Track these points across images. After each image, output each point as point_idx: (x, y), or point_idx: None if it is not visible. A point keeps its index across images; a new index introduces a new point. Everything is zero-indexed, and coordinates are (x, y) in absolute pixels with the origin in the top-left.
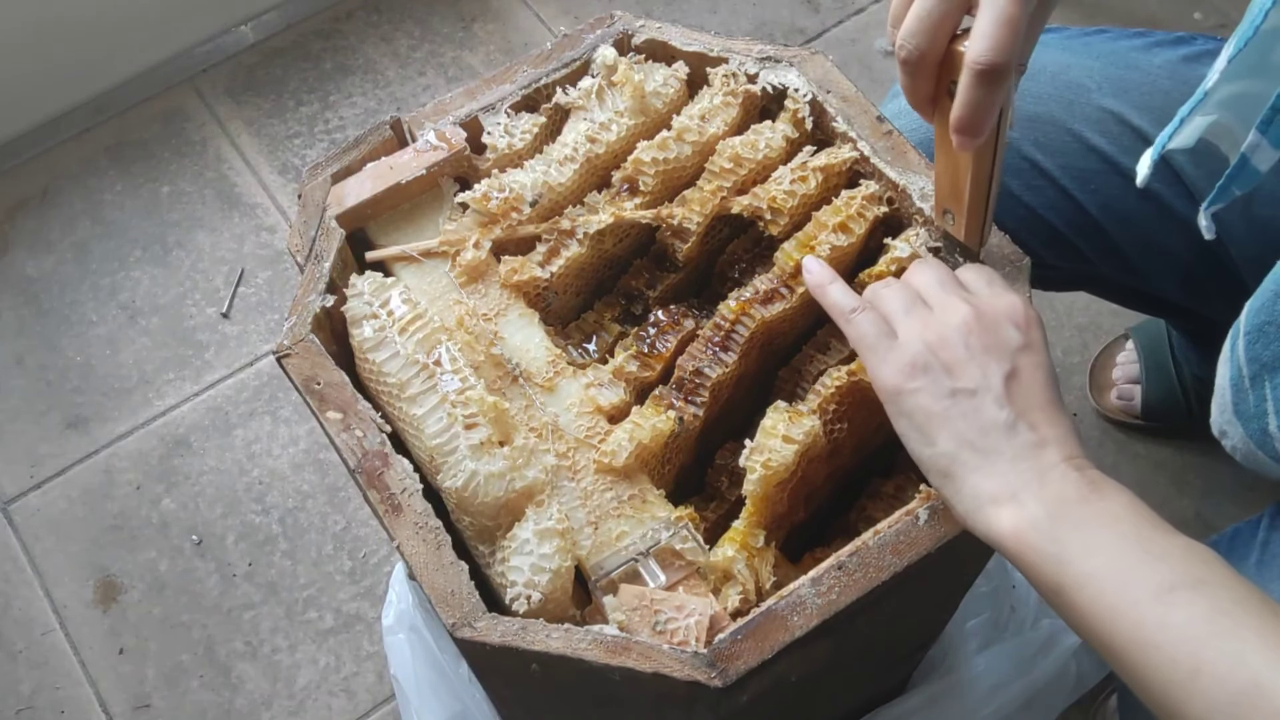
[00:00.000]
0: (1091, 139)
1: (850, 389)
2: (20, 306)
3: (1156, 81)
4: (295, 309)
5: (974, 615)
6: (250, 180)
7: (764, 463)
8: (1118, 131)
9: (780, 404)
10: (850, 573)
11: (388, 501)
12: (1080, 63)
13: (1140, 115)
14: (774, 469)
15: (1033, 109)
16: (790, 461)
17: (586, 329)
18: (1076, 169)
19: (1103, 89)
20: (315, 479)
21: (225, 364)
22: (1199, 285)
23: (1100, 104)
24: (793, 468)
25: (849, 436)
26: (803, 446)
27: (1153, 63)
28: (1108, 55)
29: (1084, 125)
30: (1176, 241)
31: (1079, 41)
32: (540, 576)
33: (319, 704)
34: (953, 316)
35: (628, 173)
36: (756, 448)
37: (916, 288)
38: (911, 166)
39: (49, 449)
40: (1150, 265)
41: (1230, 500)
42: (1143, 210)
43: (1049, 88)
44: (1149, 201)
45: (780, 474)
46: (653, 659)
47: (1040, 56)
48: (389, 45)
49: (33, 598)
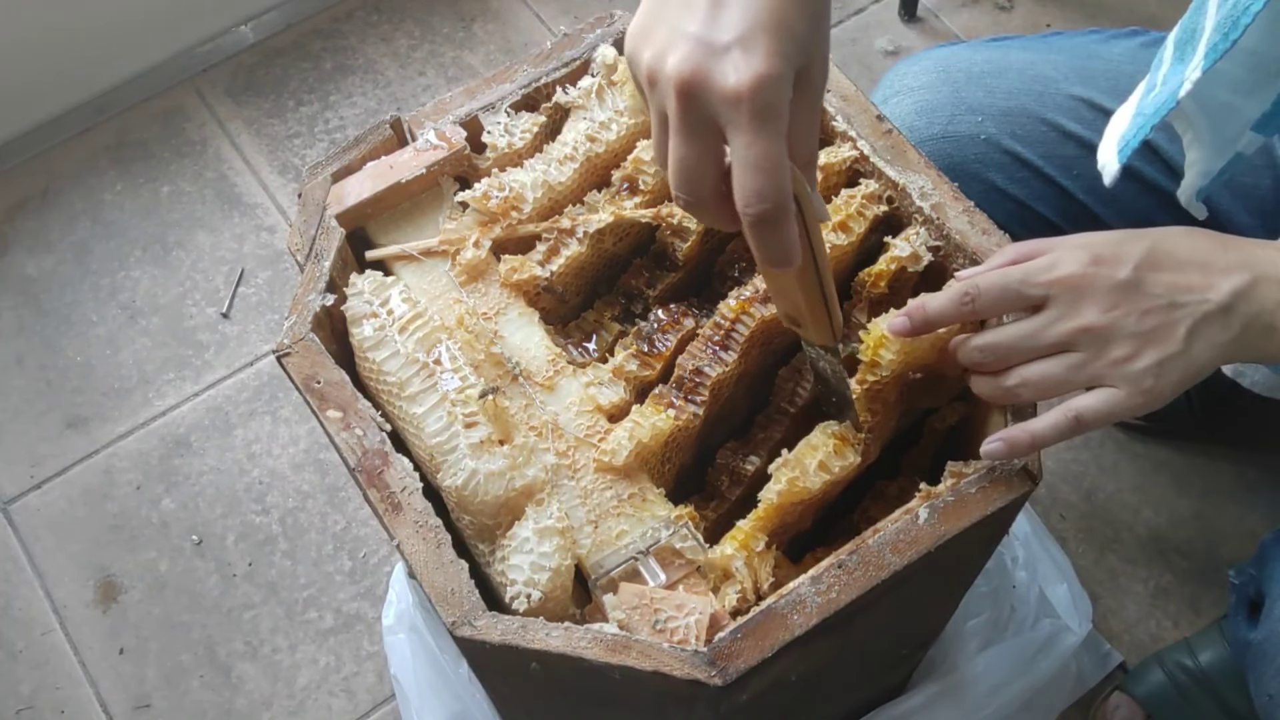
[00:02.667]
0: (1067, 125)
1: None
2: (20, 306)
3: (1120, 66)
4: (295, 308)
5: (974, 615)
6: (250, 180)
7: (791, 479)
8: (1091, 116)
9: (831, 425)
10: (850, 571)
11: (388, 500)
12: (1044, 58)
13: (1110, 99)
14: (799, 489)
15: (1005, 104)
16: (816, 489)
17: (586, 328)
18: (1057, 156)
19: (1069, 79)
20: (315, 479)
21: (225, 364)
22: None
23: (1070, 92)
24: (817, 494)
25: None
26: (835, 479)
27: (1113, 51)
28: (1068, 49)
29: (1057, 113)
30: (1164, 216)
31: (1039, 41)
32: (540, 575)
33: (319, 704)
34: (1065, 290)
35: (628, 172)
36: (790, 461)
37: (1001, 318)
38: (911, 166)
39: (49, 449)
40: None
41: (1231, 500)
42: (1127, 190)
43: (1018, 83)
44: (1132, 181)
45: (803, 495)
46: (653, 658)
47: (1005, 56)
48: (389, 45)
49: (33, 598)
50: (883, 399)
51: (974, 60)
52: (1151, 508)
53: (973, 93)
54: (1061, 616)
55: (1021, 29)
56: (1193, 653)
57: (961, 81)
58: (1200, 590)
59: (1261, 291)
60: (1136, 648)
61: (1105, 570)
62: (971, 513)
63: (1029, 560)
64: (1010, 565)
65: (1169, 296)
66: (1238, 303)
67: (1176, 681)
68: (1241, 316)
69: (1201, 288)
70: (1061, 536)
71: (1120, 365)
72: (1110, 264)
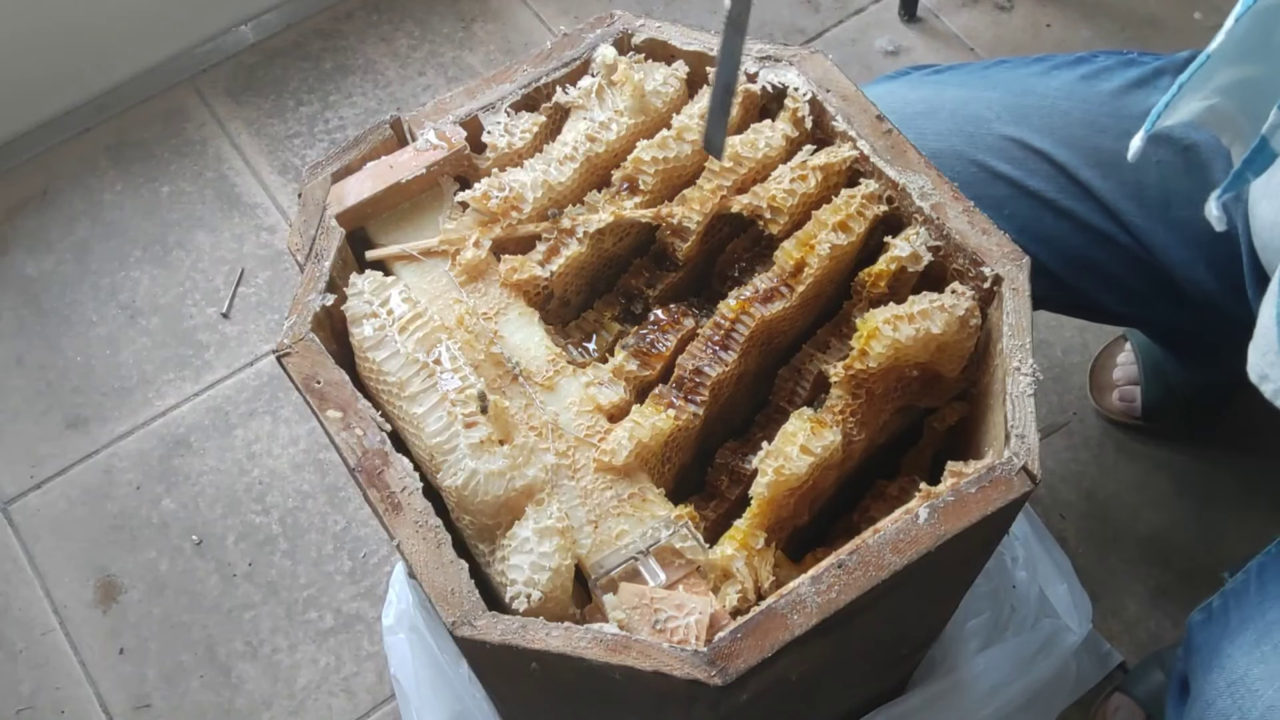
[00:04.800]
0: (997, 166)
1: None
2: (20, 306)
3: (1055, 104)
4: (295, 308)
5: (974, 615)
6: (250, 180)
7: (777, 469)
8: (1021, 156)
9: (805, 411)
10: (850, 571)
11: (388, 500)
12: (978, 95)
13: (1040, 138)
14: (786, 477)
15: (935, 145)
16: (804, 473)
17: (586, 328)
18: (988, 197)
19: (1001, 118)
20: (315, 479)
21: (225, 364)
22: (1134, 294)
23: (1001, 132)
24: (805, 479)
25: (863, 440)
26: (819, 460)
27: (1050, 86)
28: (1005, 84)
29: (988, 154)
30: (1099, 254)
31: (978, 76)
32: (540, 575)
33: (319, 704)
34: None
35: (628, 172)
36: (773, 452)
37: None
38: (911, 166)
39: (49, 449)
40: (1080, 280)
41: (1230, 500)
42: (1058, 228)
43: (948, 124)
44: (1066, 220)
45: (791, 482)
46: (653, 657)
47: (940, 95)
48: (389, 45)
49: (33, 598)
50: (868, 388)
51: (908, 100)
52: (1151, 508)
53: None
54: (1061, 616)
55: (1021, 29)
56: None
57: (893, 124)
58: (1200, 590)
59: None
60: (1136, 648)
61: (1105, 570)
62: (971, 513)
63: (1029, 560)
64: (1010, 565)
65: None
66: None
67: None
68: None
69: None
70: (1061, 536)
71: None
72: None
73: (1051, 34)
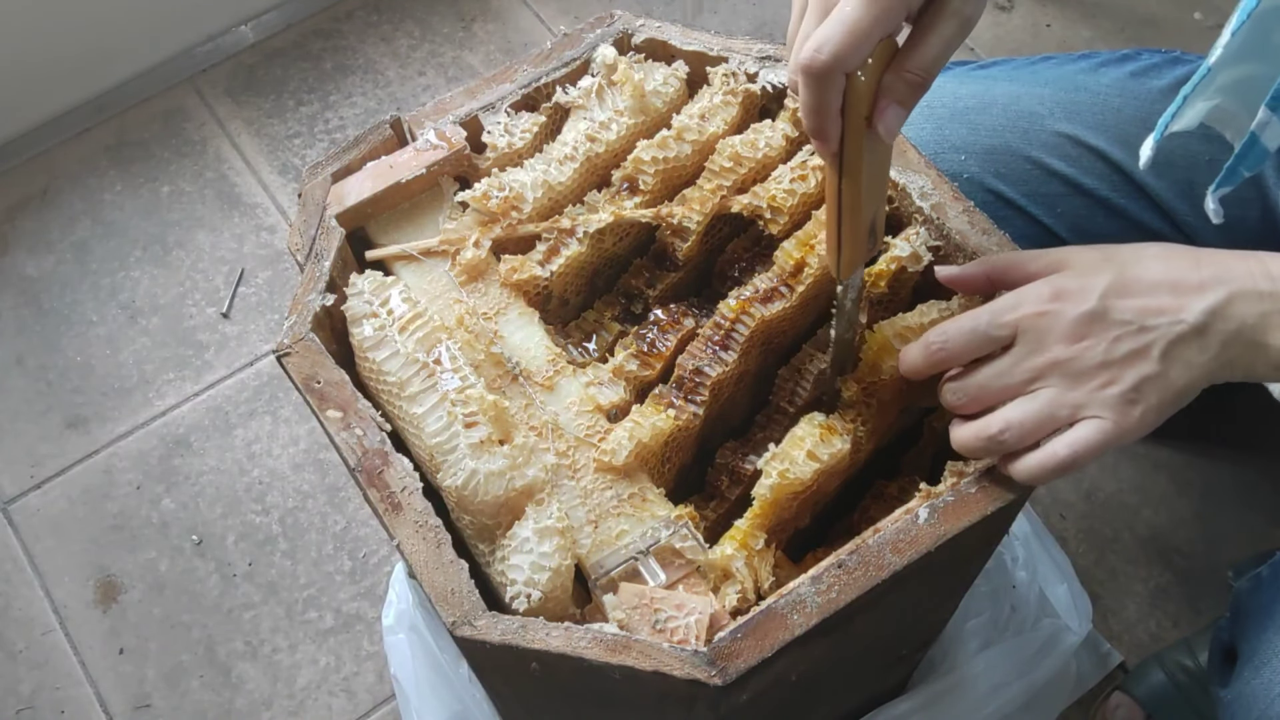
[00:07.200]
0: (1051, 163)
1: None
2: (20, 306)
3: (1107, 100)
4: (295, 308)
5: (974, 615)
6: (250, 180)
7: (781, 472)
8: (1075, 154)
9: (817, 416)
10: (850, 571)
11: (387, 500)
12: (1030, 91)
13: (1094, 135)
14: (790, 481)
15: (989, 141)
16: (808, 478)
17: (586, 328)
18: (1041, 194)
19: (1055, 114)
20: (315, 479)
21: (225, 364)
22: None
23: (1055, 129)
24: (809, 484)
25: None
26: (825, 467)
27: (1100, 82)
28: (1056, 81)
29: (1042, 151)
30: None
31: (1026, 71)
32: (540, 575)
33: (319, 704)
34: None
35: (628, 172)
36: (779, 454)
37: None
38: (911, 166)
39: (49, 449)
40: None
41: (1231, 500)
42: (1110, 226)
43: (1002, 119)
44: (1116, 218)
45: (794, 486)
46: (653, 657)
47: (990, 90)
48: (389, 45)
49: (33, 598)
50: (878, 397)
51: (959, 95)
52: (1151, 508)
53: (956, 130)
54: (1061, 616)
55: (1021, 29)
56: (1193, 653)
57: (945, 118)
58: (1200, 590)
59: (1238, 308)
60: (1136, 648)
61: (1105, 570)
62: (971, 513)
63: (1029, 560)
64: (1010, 565)
65: (1138, 321)
66: (1213, 321)
67: (1176, 681)
68: (1219, 335)
69: (1173, 309)
70: (1061, 536)
71: (1097, 393)
72: (1075, 297)
73: (1052, 34)
